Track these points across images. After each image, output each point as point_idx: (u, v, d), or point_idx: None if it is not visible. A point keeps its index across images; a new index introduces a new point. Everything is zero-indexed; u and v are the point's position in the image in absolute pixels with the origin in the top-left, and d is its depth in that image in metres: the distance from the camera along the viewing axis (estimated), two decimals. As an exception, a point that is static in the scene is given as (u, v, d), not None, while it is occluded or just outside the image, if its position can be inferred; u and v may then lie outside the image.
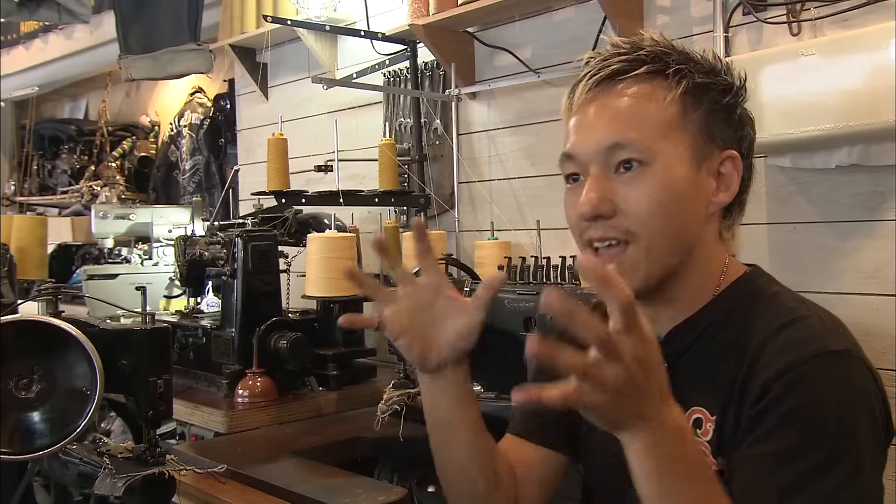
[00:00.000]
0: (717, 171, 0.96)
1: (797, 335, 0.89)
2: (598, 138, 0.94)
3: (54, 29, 4.49)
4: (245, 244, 2.18)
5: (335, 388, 2.18)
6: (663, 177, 0.92)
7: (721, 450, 0.90)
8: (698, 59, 0.98)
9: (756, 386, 0.87)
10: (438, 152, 2.65)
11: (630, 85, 0.95)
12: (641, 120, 0.93)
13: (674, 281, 0.97)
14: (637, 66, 0.95)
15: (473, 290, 1.79)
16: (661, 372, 0.74)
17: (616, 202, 0.93)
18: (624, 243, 0.94)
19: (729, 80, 0.98)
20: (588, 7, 2.18)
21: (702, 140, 0.95)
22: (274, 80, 3.35)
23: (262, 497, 1.52)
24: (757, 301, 0.96)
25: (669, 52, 0.96)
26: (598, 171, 0.94)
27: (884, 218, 1.66)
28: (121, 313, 2.16)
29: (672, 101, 0.94)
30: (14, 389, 1.20)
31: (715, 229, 0.99)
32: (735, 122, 0.98)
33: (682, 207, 0.94)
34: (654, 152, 0.92)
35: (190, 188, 4.21)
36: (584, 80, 0.98)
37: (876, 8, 1.65)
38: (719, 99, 0.96)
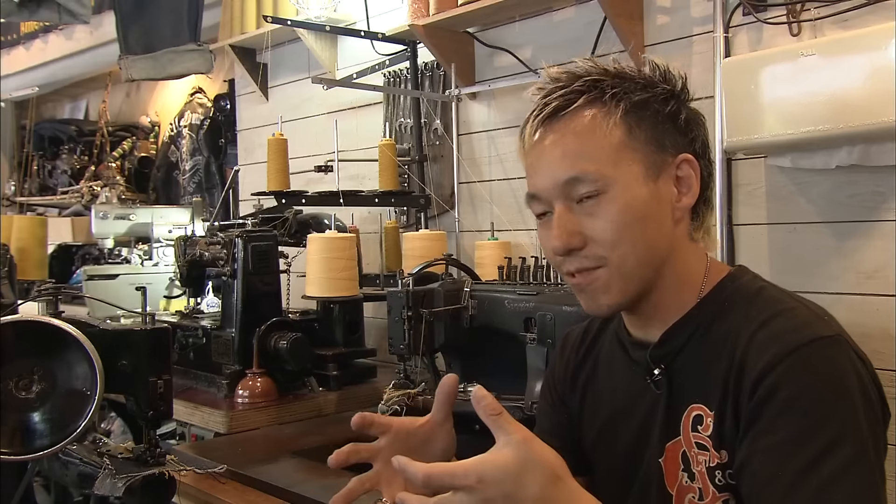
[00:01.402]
0: (675, 176, 0.99)
1: (786, 324, 0.91)
2: (555, 176, 0.98)
3: (54, 29, 4.49)
4: (245, 244, 2.18)
5: (335, 388, 2.18)
6: (623, 200, 0.95)
7: (723, 443, 0.92)
8: (633, 76, 1.01)
9: (750, 377, 0.89)
10: (438, 152, 2.65)
11: (573, 118, 0.98)
12: (590, 150, 0.96)
13: (654, 291, 1.00)
14: (576, 97, 0.99)
15: (473, 291, 1.80)
16: (525, 487, 0.76)
17: (584, 233, 0.97)
18: (597, 268, 0.98)
19: (668, 87, 1.00)
20: (588, 7, 2.18)
21: (652, 152, 0.97)
22: (274, 80, 3.35)
23: (262, 497, 1.52)
24: (744, 297, 0.99)
25: (603, 77, 1.00)
26: (562, 206, 0.98)
27: (884, 218, 1.66)
28: (121, 314, 2.16)
29: (615, 125, 0.97)
30: (14, 390, 1.21)
31: (685, 233, 1.02)
32: (682, 127, 1.00)
33: (646, 224, 0.97)
34: (609, 179, 0.95)
35: (190, 188, 4.21)
36: (530, 122, 1.02)
37: (876, 8, 1.65)
38: (661, 109, 0.99)
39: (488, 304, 1.75)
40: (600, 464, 1.13)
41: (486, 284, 1.85)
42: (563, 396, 1.19)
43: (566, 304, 1.57)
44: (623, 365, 1.09)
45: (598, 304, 1.00)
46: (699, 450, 0.95)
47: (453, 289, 1.81)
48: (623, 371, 1.09)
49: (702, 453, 0.95)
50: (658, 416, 1.00)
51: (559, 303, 1.59)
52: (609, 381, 1.12)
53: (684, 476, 0.97)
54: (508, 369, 1.66)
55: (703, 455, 0.95)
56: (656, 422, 1.01)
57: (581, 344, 1.19)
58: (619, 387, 1.09)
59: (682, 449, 0.97)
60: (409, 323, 1.79)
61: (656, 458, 0.99)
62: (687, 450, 0.96)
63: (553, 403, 1.22)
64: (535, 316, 1.61)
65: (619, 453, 1.06)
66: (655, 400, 1.01)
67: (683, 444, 0.97)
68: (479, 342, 1.80)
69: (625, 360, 1.08)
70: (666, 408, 1.00)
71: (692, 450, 0.96)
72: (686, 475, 0.96)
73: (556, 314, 1.57)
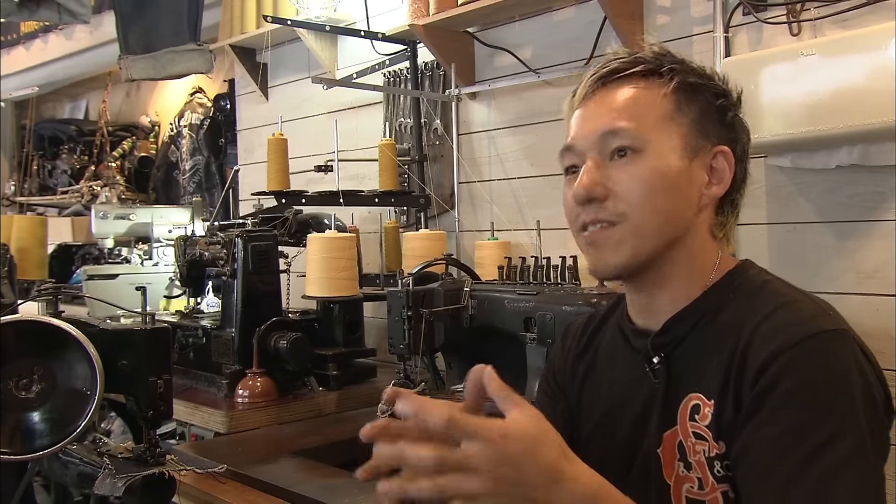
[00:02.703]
0: (710, 164, 1.01)
1: (790, 316, 0.92)
2: (594, 128, 1.00)
3: (54, 29, 4.49)
4: (245, 244, 2.18)
5: (335, 388, 2.18)
6: (655, 163, 0.97)
7: (722, 434, 0.92)
8: (694, 66, 1.03)
9: (753, 367, 0.89)
10: (438, 152, 2.65)
11: (627, 81, 1.01)
12: (636, 111, 0.98)
13: (664, 264, 1.00)
14: (633, 65, 1.01)
15: (473, 291, 1.80)
16: (538, 456, 0.76)
17: (609, 186, 0.98)
18: (615, 224, 0.98)
19: (723, 85, 1.03)
20: (588, 7, 2.18)
21: (695, 134, 0.99)
22: (274, 80, 3.35)
23: (262, 497, 1.52)
24: (748, 291, 0.99)
25: (665, 54, 1.02)
26: (594, 158, 0.99)
27: (884, 218, 1.66)
28: (121, 313, 2.16)
29: (665, 97, 0.99)
30: (14, 389, 1.21)
31: (707, 223, 1.03)
32: (728, 124, 1.02)
33: (672, 194, 0.98)
34: (647, 140, 0.97)
35: (190, 188, 4.21)
36: (586, 79, 1.04)
37: (876, 8, 1.65)
38: (712, 100, 1.01)
39: (488, 304, 1.75)
40: (597, 454, 1.12)
41: (486, 284, 1.85)
42: (562, 386, 1.19)
43: (566, 304, 1.57)
44: (624, 354, 1.09)
45: (605, 263, 1.00)
46: (696, 439, 0.95)
47: (453, 289, 1.81)
48: (623, 361, 1.09)
49: (699, 443, 0.95)
50: (656, 406, 1.01)
51: (559, 303, 1.59)
52: (609, 373, 1.12)
53: (680, 466, 0.97)
54: (508, 369, 1.65)
55: (700, 445, 0.95)
56: (654, 411, 1.01)
57: (583, 334, 1.19)
58: (619, 377, 1.09)
59: (679, 438, 0.97)
60: (409, 323, 1.79)
61: (654, 449, 0.99)
62: (683, 439, 0.97)
63: (551, 394, 1.21)
64: (534, 316, 1.61)
65: (616, 443, 1.06)
66: (653, 389, 1.02)
67: (680, 434, 0.97)
68: (478, 342, 1.80)
69: (625, 349, 1.09)
70: (664, 397, 1.00)
71: (689, 439, 0.96)
72: (682, 465, 0.97)
73: (556, 314, 1.57)
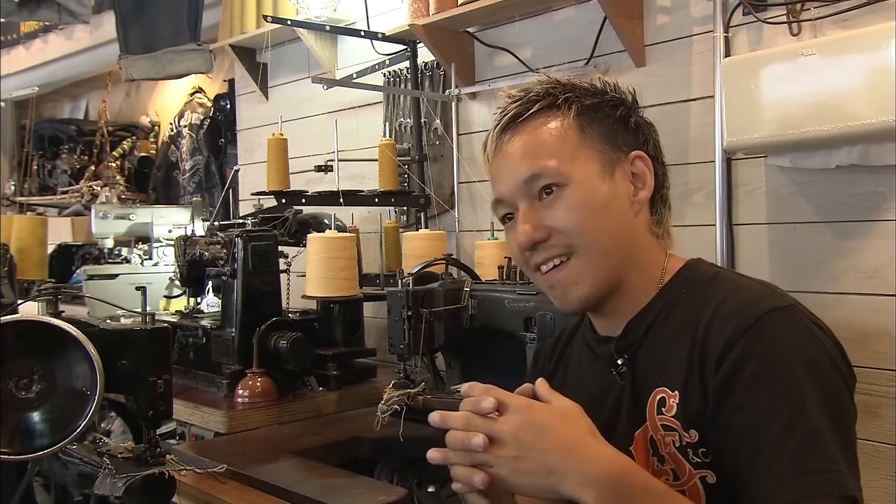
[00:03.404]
0: (630, 172, 1.06)
1: (741, 300, 0.96)
2: (516, 175, 1.04)
3: (54, 29, 4.49)
4: (245, 244, 2.18)
5: (335, 388, 2.18)
6: (582, 191, 1.02)
7: (691, 422, 0.95)
8: (585, 86, 1.09)
9: (713, 353, 0.93)
10: (438, 152, 2.65)
11: (529, 123, 1.05)
12: (548, 149, 1.03)
13: (618, 287, 1.05)
14: (530, 105, 1.06)
15: (473, 291, 1.80)
16: (560, 428, 0.86)
17: (548, 225, 1.02)
18: (566, 257, 1.03)
19: (616, 94, 1.09)
20: (588, 7, 2.18)
21: (607, 150, 1.04)
22: (274, 80, 3.35)
23: (262, 497, 1.52)
24: (700, 282, 1.04)
25: (555, 86, 1.07)
26: (526, 204, 1.04)
27: (884, 218, 1.66)
28: (121, 313, 2.16)
29: (569, 126, 1.04)
30: (14, 389, 1.20)
31: (645, 226, 1.07)
32: (633, 128, 1.08)
33: (606, 214, 1.02)
34: (567, 173, 1.02)
35: (190, 188, 4.22)
36: (491, 133, 1.09)
37: (876, 8, 1.65)
38: (611, 112, 1.06)
39: (488, 304, 1.75)
40: None
41: (486, 284, 1.85)
42: None
43: (566, 304, 1.57)
44: (590, 364, 1.13)
45: (569, 299, 1.05)
46: (665, 431, 0.97)
47: (453, 288, 1.81)
48: (591, 370, 1.12)
49: (668, 434, 0.97)
50: (624, 406, 1.03)
51: (559, 302, 1.59)
52: (578, 385, 1.15)
53: (654, 461, 0.99)
54: (508, 369, 1.66)
55: (670, 436, 0.97)
56: (623, 412, 1.03)
57: (552, 353, 1.23)
58: (588, 386, 1.12)
59: (650, 434, 1.00)
60: (409, 323, 1.79)
61: (626, 447, 1.01)
62: (654, 433, 0.99)
63: None
64: (534, 316, 1.61)
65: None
66: (621, 391, 1.05)
67: (650, 429, 1.00)
68: (479, 342, 1.80)
69: (591, 358, 1.12)
70: (631, 397, 1.03)
71: (658, 433, 0.98)
72: (656, 459, 0.99)
73: (556, 314, 1.57)
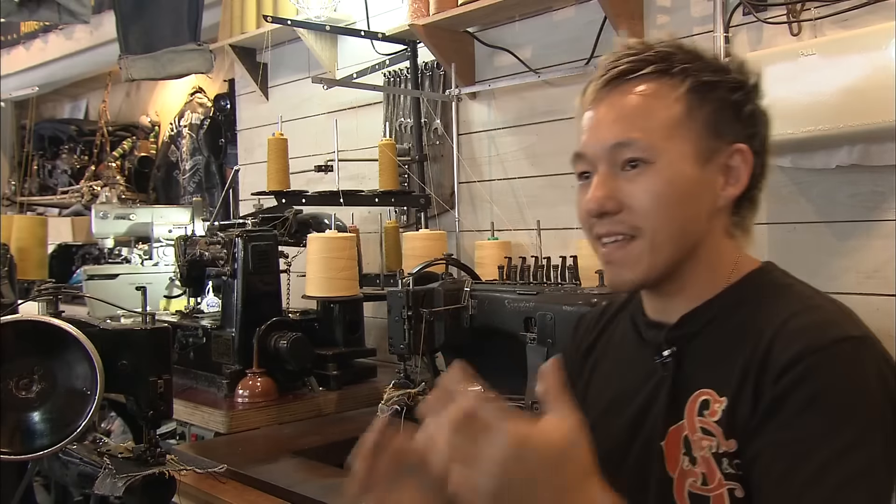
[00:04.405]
0: (726, 164, 0.98)
1: (814, 320, 0.90)
2: (605, 137, 0.98)
3: (54, 29, 4.49)
4: (245, 244, 2.18)
5: (335, 388, 2.18)
6: (667, 174, 0.95)
7: (734, 431, 0.91)
8: (707, 58, 0.99)
9: (774, 368, 0.88)
10: (438, 152, 2.65)
11: (636, 84, 0.98)
12: (646, 119, 0.96)
13: (681, 273, 0.99)
14: (643, 65, 0.97)
15: (473, 291, 1.80)
16: (556, 473, 0.70)
17: (621, 199, 0.96)
18: (629, 237, 0.97)
19: (739, 77, 0.99)
20: (588, 7, 2.18)
21: (708, 136, 0.97)
22: (274, 80, 3.35)
23: (262, 497, 1.52)
24: (771, 290, 0.98)
25: (675, 52, 0.98)
26: (605, 170, 0.98)
27: (884, 218, 1.66)
28: (121, 313, 2.16)
29: (676, 100, 0.96)
30: (14, 389, 1.21)
31: (724, 224, 1.01)
32: (745, 118, 0.99)
33: (686, 203, 0.96)
34: (658, 151, 0.95)
35: (190, 188, 4.21)
36: (594, 81, 1.01)
37: (876, 8, 1.65)
38: (727, 96, 0.98)
39: (488, 304, 1.75)
40: (600, 445, 1.11)
41: (487, 284, 1.85)
42: (572, 378, 1.17)
43: (566, 304, 1.57)
44: (634, 346, 1.08)
45: (621, 279, 1.00)
46: (703, 434, 0.94)
47: (453, 288, 1.81)
48: (634, 352, 1.08)
49: (706, 438, 0.93)
50: (662, 398, 0.99)
51: (559, 302, 1.59)
52: (618, 364, 1.11)
53: (685, 460, 0.95)
54: (508, 369, 1.66)
55: (707, 440, 0.93)
56: (659, 404, 0.99)
57: (596, 325, 1.18)
58: (628, 368, 1.08)
59: (685, 433, 0.96)
60: (409, 323, 1.79)
61: (658, 441, 0.98)
62: (689, 434, 0.95)
63: None
64: (535, 316, 1.61)
65: (619, 433, 1.05)
66: (660, 382, 1.00)
67: (686, 428, 0.96)
68: (479, 342, 1.80)
69: (637, 341, 1.08)
70: (671, 390, 0.99)
71: (695, 434, 0.95)
72: (687, 459, 0.95)
73: (556, 314, 1.57)
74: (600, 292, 1.57)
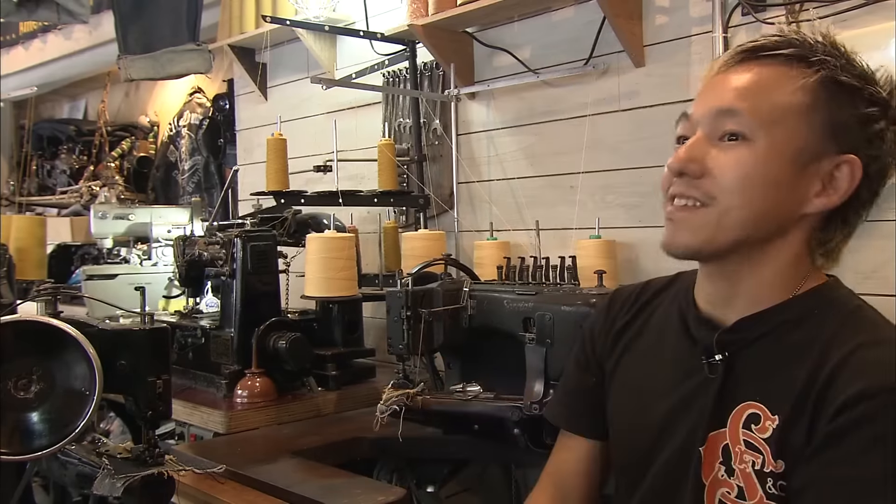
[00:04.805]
0: (830, 172, 0.92)
1: (883, 358, 0.85)
2: (716, 102, 0.94)
3: (53, 29, 4.49)
4: (244, 244, 2.18)
5: (334, 388, 2.18)
6: (763, 157, 0.90)
7: (784, 453, 0.88)
8: (854, 62, 0.94)
9: (838, 398, 0.84)
10: (437, 152, 2.65)
11: (769, 62, 0.93)
12: (761, 96, 0.91)
13: (746, 265, 0.95)
14: (783, 45, 0.93)
15: (472, 291, 1.80)
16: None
17: (708, 164, 0.92)
18: (701, 204, 0.93)
19: (880, 92, 0.94)
20: (587, 7, 2.18)
21: (823, 137, 0.91)
22: (273, 80, 3.35)
23: (261, 497, 1.52)
24: (838, 311, 0.93)
25: (823, 44, 0.93)
26: (703, 133, 0.94)
27: (882, 218, 1.66)
28: (120, 313, 2.16)
29: (803, 89, 0.91)
30: (13, 390, 1.20)
31: (806, 235, 0.95)
32: (871, 135, 0.92)
33: (771, 193, 0.91)
34: (761, 132, 0.90)
35: (189, 188, 4.21)
36: (730, 52, 0.97)
37: (874, 8, 1.65)
38: (858, 105, 0.92)
39: (487, 304, 1.75)
40: (624, 431, 1.09)
41: (485, 284, 1.85)
42: (599, 355, 1.15)
43: (565, 304, 1.57)
44: (679, 338, 1.03)
45: (677, 242, 0.95)
46: (747, 448, 0.91)
47: (452, 289, 1.81)
48: (677, 343, 1.03)
49: (749, 453, 0.90)
50: (705, 403, 0.96)
51: (558, 303, 1.59)
52: (656, 349, 1.07)
53: (721, 469, 0.93)
54: (507, 369, 1.66)
55: (750, 455, 0.90)
56: (701, 407, 0.96)
57: (633, 303, 1.14)
58: (667, 358, 1.04)
59: (725, 442, 0.93)
60: (408, 323, 1.79)
61: (696, 446, 0.95)
62: (731, 444, 0.92)
63: (584, 364, 1.18)
64: (533, 316, 1.61)
65: (648, 426, 1.02)
66: (705, 384, 0.97)
67: (728, 438, 0.93)
68: (478, 342, 1.80)
69: (682, 333, 1.03)
70: (717, 396, 0.95)
71: (738, 446, 0.91)
72: (724, 469, 0.93)
73: (555, 314, 1.57)
74: (599, 292, 1.57)
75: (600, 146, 2.16)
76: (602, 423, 1.14)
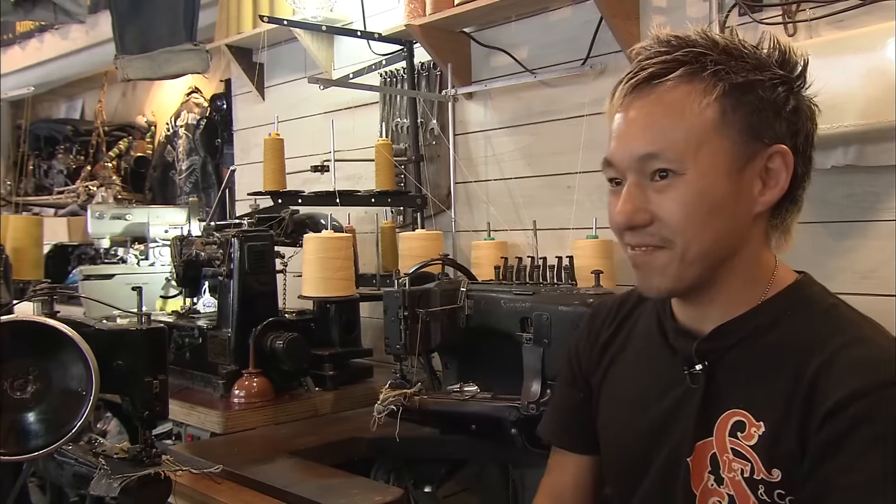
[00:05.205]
0: (765, 167, 0.93)
1: (872, 354, 0.86)
2: (633, 147, 0.93)
3: (50, 29, 4.48)
4: (241, 244, 2.18)
5: (331, 388, 2.18)
6: (698, 186, 0.90)
7: (777, 461, 0.87)
8: (745, 53, 0.93)
9: (824, 401, 0.84)
10: (435, 152, 2.65)
11: (665, 89, 0.92)
12: (676, 128, 0.91)
13: (715, 283, 0.95)
14: (675, 67, 0.92)
15: (470, 291, 1.80)
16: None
17: (652, 210, 0.92)
18: (661, 247, 0.93)
19: (781, 72, 0.93)
20: (584, 7, 2.18)
21: (744, 141, 0.91)
22: (270, 80, 3.35)
23: (258, 497, 1.52)
24: (812, 310, 0.94)
25: (709, 51, 0.92)
26: (634, 180, 0.94)
27: (880, 218, 1.67)
28: (117, 314, 2.16)
29: (709, 106, 0.90)
30: (9, 390, 1.20)
31: (762, 230, 0.96)
32: (787, 116, 0.93)
33: (719, 215, 0.91)
34: (688, 162, 0.90)
35: (186, 188, 4.21)
36: (623, 83, 0.96)
37: (872, 9, 1.65)
38: (766, 95, 0.91)
39: (485, 304, 1.75)
40: (612, 444, 1.09)
41: (483, 284, 1.85)
42: (586, 371, 1.15)
43: (562, 304, 1.57)
44: (660, 349, 1.04)
45: (650, 285, 0.96)
46: (735, 456, 0.91)
47: (450, 289, 1.81)
48: (658, 355, 1.04)
49: (738, 461, 0.90)
50: (690, 412, 0.96)
51: (555, 303, 1.59)
52: (640, 360, 1.07)
53: (710, 479, 0.93)
54: (505, 369, 1.66)
55: (739, 463, 0.90)
56: (686, 417, 0.96)
57: (615, 316, 1.14)
58: (651, 369, 1.04)
59: (713, 451, 0.93)
60: (405, 323, 1.79)
61: (684, 457, 0.95)
62: (718, 453, 0.92)
63: (570, 380, 1.18)
64: (531, 316, 1.61)
65: (636, 438, 1.03)
66: (688, 395, 0.97)
67: (715, 447, 0.93)
68: (475, 342, 1.80)
69: (662, 344, 1.03)
70: (701, 405, 0.95)
71: (725, 454, 0.91)
72: (713, 478, 0.92)
73: (553, 314, 1.57)
74: (596, 292, 1.58)
75: (597, 146, 2.15)
76: (593, 438, 1.14)
